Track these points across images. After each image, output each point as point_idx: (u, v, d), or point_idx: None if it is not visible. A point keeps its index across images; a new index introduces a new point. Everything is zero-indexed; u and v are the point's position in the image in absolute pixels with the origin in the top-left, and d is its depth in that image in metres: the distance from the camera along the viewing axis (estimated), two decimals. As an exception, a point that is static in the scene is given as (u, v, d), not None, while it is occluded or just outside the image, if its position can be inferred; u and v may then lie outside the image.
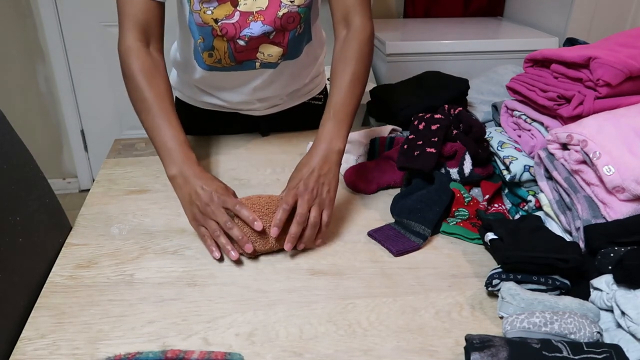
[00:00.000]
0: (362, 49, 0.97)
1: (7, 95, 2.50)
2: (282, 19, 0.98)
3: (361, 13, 0.99)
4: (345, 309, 0.74)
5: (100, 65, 2.52)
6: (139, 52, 0.94)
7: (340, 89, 0.94)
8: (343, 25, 1.00)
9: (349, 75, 0.94)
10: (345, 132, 0.92)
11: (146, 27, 0.96)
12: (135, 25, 0.95)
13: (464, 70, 1.55)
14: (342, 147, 0.91)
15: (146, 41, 0.97)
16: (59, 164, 2.75)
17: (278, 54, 1.06)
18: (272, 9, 0.98)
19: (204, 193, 0.85)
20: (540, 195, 0.89)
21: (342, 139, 0.91)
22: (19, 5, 2.35)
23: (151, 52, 0.97)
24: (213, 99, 1.21)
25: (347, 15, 0.99)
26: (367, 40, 0.98)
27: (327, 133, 0.91)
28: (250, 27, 0.99)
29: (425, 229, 0.88)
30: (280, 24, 0.99)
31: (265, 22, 0.98)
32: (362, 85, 0.97)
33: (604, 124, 0.82)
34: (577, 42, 1.15)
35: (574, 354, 0.58)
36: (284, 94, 1.22)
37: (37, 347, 0.67)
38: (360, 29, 0.98)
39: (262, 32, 0.99)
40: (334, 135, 0.90)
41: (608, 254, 0.70)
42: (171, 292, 0.77)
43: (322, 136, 0.91)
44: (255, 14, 0.98)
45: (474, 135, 0.98)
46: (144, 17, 0.95)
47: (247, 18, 0.98)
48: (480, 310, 0.74)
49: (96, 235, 0.90)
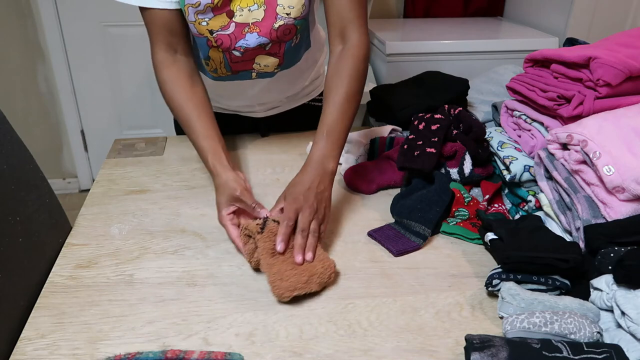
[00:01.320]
0: (357, 66, 0.96)
1: (7, 95, 2.50)
2: (278, 30, 0.98)
3: (358, 29, 0.97)
4: (345, 309, 0.74)
5: (100, 65, 2.52)
6: (165, 63, 0.99)
7: (333, 108, 0.93)
8: (339, 40, 0.99)
9: (342, 94, 0.93)
10: (338, 152, 0.92)
11: (171, 37, 0.99)
12: (161, 37, 0.98)
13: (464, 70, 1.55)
14: (335, 168, 0.90)
15: (173, 50, 1.00)
16: (59, 164, 2.75)
17: (274, 64, 1.05)
18: (268, 21, 0.97)
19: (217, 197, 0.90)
20: (540, 195, 0.89)
21: (335, 160, 0.91)
22: (19, 5, 2.35)
23: (179, 59, 1.00)
24: (213, 102, 1.21)
25: (344, 30, 0.98)
26: (362, 57, 0.97)
27: (321, 153, 0.90)
28: (246, 39, 0.98)
29: (425, 229, 0.88)
30: (277, 35, 0.99)
31: (261, 33, 0.98)
32: (356, 104, 0.96)
33: (604, 124, 0.82)
34: (577, 42, 1.15)
35: (574, 354, 0.58)
36: (283, 98, 1.22)
37: (37, 347, 0.67)
38: (357, 46, 0.97)
39: (258, 43, 0.99)
40: (327, 156, 0.90)
41: (608, 254, 0.70)
42: (171, 292, 0.77)
43: (316, 156, 0.90)
44: (251, 26, 0.97)
45: (474, 135, 0.98)
46: (168, 27, 0.97)
47: (243, 29, 0.97)
48: (480, 310, 0.74)
49: (96, 235, 0.90)
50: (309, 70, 1.21)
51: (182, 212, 0.97)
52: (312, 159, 0.90)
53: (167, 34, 0.98)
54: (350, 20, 0.97)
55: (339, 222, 0.95)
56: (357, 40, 0.97)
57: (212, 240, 0.89)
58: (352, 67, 0.95)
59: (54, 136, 2.66)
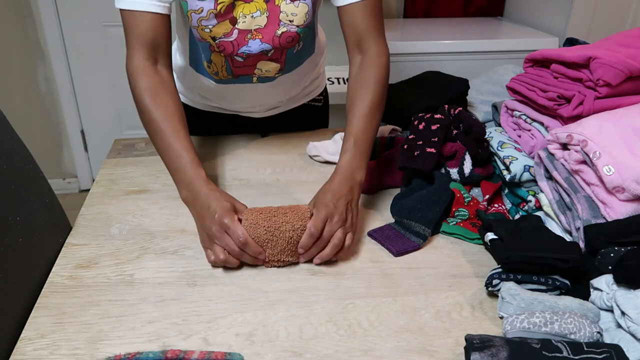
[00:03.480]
0: (379, 75, 0.96)
1: (7, 95, 2.50)
2: (281, 37, 0.97)
3: (375, 39, 0.98)
4: (345, 309, 0.74)
5: (100, 65, 2.52)
6: (145, 71, 0.92)
7: (359, 118, 0.93)
8: (357, 51, 0.99)
9: (367, 103, 0.94)
10: (366, 162, 0.92)
11: (153, 45, 0.93)
12: (142, 43, 0.92)
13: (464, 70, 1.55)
14: (363, 179, 0.90)
15: (154, 59, 0.94)
16: (59, 164, 2.75)
17: (275, 70, 1.05)
18: (271, 28, 0.96)
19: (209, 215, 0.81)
20: (540, 195, 0.89)
21: (364, 171, 0.91)
22: (19, 5, 2.35)
23: (159, 70, 0.94)
24: (213, 103, 1.21)
25: (361, 41, 0.98)
26: (384, 65, 0.98)
27: (350, 163, 0.89)
28: (249, 45, 0.98)
29: (425, 229, 0.88)
30: (279, 42, 0.98)
31: (264, 40, 0.97)
32: (380, 113, 0.96)
33: (604, 124, 0.82)
34: (577, 42, 1.15)
35: (574, 354, 0.58)
36: (284, 99, 1.22)
37: (37, 347, 0.67)
38: (377, 55, 0.97)
39: (261, 50, 0.98)
40: (357, 166, 0.90)
41: (608, 254, 0.70)
42: (171, 292, 0.77)
43: (345, 166, 0.89)
44: (254, 32, 0.96)
45: (474, 135, 0.98)
46: (151, 35, 0.92)
47: (246, 36, 0.97)
48: (480, 310, 0.74)
49: (96, 235, 0.90)
50: (309, 73, 1.21)
51: (182, 212, 0.96)
52: (341, 168, 0.89)
53: (150, 40, 0.92)
54: (365, 31, 0.97)
55: (339, 222, 0.95)
56: (377, 50, 0.98)
57: (212, 240, 0.89)
58: (375, 77, 0.96)
59: (54, 136, 2.66)
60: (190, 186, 0.86)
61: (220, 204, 0.81)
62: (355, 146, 0.91)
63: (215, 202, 0.82)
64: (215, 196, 0.83)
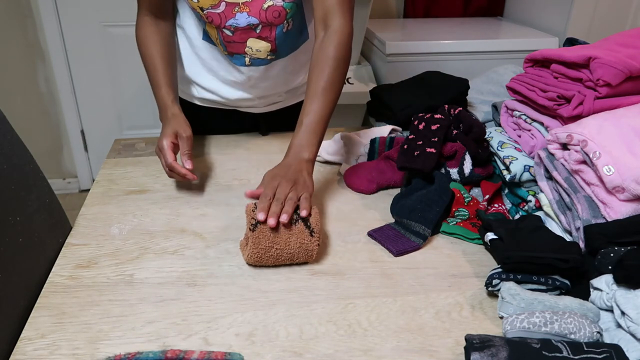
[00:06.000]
0: (337, 52, 0.95)
1: (7, 95, 2.50)
2: (267, 11, 1.00)
3: (340, 14, 0.97)
4: (345, 309, 0.74)
5: (100, 65, 2.52)
6: (146, 24, 1.09)
7: (313, 97, 0.94)
8: (322, 26, 0.98)
9: (322, 83, 0.94)
10: (316, 140, 0.93)
11: (158, 7, 1.09)
12: (148, 7, 1.08)
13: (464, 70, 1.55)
14: (312, 156, 0.92)
15: (154, 15, 1.09)
16: (59, 164, 2.75)
17: (266, 50, 1.07)
18: (258, 1, 1.00)
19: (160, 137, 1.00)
20: (540, 195, 0.89)
21: (313, 148, 0.93)
22: (19, 5, 2.35)
23: (159, 22, 1.10)
24: (212, 96, 1.21)
25: (326, 16, 0.97)
26: (344, 42, 0.96)
27: (298, 143, 0.93)
28: (236, 18, 1.01)
29: (425, 229, 0.88)
30: (266, 17, 1.01)
31: (250, 13, 1.01)
32: (337, 90, 0.96)
33: (604, 124, 0.82)
34: (577, 42, 1.15)
35: (574, 354, 0.58)
36: (283, 91, 1.22)
37: (37, 347, 0.67)
38: (338, 31, 0.96)
39: (248, 23, 1.02)
40: (304, 145, 0.92)
41: (608, 254, 0.70)
42: (171, 292, 0.77)
43: (294, 145, 0.93)
44: (242, 5, 1.00)
45: (474, 135, 0.98)
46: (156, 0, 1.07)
47: (233, 9, 1.01)
48: (480, 310, 0.74)
49: (96, 235, 0.90)
50: (307, 65, 1.21)
51: (182, 212, 0.97)
52: (290, 148, 0.94)
53: (154, 3, 1.08)
54: (332, 5, 0.97)
55: (339, 222, 0.95)
56: (339, 25, 0.97)
57: (212, 240, 0.89)
58: (333, 54, 0.95)
59: (54, 136, 2.66)
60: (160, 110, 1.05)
61: (164, 130, 1.00)
62: (305, 126, 0.93)
63: (164, 126, 1.02)
64: (167, 120, 1.02)
